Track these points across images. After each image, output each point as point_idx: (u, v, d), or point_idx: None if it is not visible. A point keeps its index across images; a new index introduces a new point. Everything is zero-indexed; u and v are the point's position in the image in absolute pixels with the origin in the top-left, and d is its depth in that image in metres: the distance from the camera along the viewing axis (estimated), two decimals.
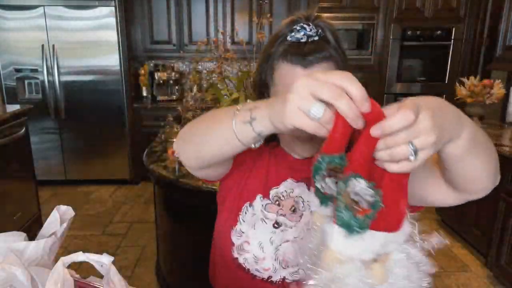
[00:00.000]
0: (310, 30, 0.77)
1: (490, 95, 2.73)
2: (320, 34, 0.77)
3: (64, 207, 0.66)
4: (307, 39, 0.76)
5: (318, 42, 0.76)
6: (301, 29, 0.77)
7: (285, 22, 0.80)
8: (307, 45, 0.75)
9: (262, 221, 0.88)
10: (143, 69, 3.95)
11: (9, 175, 2.66)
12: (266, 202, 0.89)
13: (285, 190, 0.89)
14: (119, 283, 0.57)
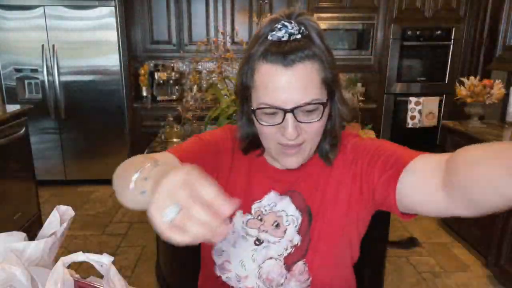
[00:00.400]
0: (292, 28, 0.71)
1: (490, 95, 2.73)
2: (303, 32, 0.72)
3: (64, 207, 0.66)
4: (289, 37, 0.71)
5: (300, 40, 0.71)
6: (283, 27, 0.71)
7: (266, 21, 0.75)
8: (289, 43, 0.70)
9: (243, 238, 0.84)
10: (143, 69, 3.94)
11: (9, 175, 2.66)
12: (248, 218, 0.84)
13: (268, 204, 0.84)
14: (119, 283, 0.57)
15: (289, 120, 0.71)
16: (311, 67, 0.71)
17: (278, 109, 0.71)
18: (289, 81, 0.69)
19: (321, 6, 3.79)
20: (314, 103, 0.71)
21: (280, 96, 0.70)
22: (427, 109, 3.83)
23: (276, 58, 0.70)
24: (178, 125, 2.56)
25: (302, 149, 0.76)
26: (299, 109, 0.71)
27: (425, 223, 3.25)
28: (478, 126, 2.85)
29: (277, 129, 0.73)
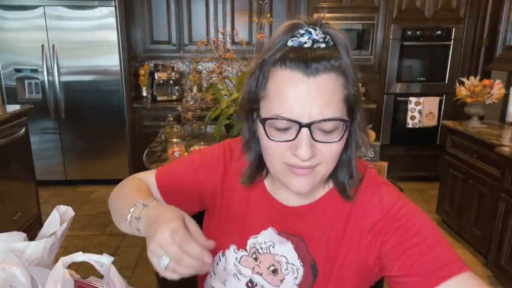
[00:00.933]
0: (316, 35, 0.61)
1: (490, 95, 2.74)
2: (329, 41, 0.63)
3: (64, 207, 0.66)
4: (312, 44, 0.61)
5: (325, 49, 0.61)
6: (306, 33, 0.61)
7: (286, 25, 0.64)
8: (312, 51, 0.60)
9: (234, 277, 0.76)
10: (143, 69, 3.95)
11: (9, 175, 2.66)
12: (242, 254, 0.76)
13: (265, 241, 0.75)
14: (119, 283, 0.57)
15: (304, 137, 0.60)
16: (335, 80, 0.61)
17: (293, 122, 0.60)
18: (309, 92, 0.59)
19: (321, 6, 3.79)
20: (335, 120, 0.60)
21: (297, 108, 0.59)
22: (427, 109, 3.83)
23: (296, 65, 0.59)
24: (178, 125, 2.56)
25: (315, 172, 0.64)
26: (317, 125, 0.60)
27: None
28: (478, 126, 2.85)
29: (288, 147, 0.62)
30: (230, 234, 0.78)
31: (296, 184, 0.65)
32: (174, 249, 0.55)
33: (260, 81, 0.64)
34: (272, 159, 0.66)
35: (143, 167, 2.02)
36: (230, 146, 0.83)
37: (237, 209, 0.78)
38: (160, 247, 0.55)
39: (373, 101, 4.04)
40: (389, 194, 0.70)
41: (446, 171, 3.09)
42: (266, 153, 0.67)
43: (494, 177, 2.46)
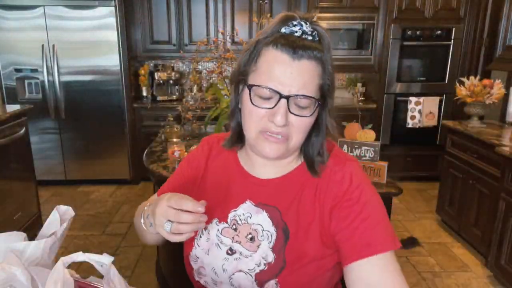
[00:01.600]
0: (306, 28, 0.74)
1: (490, 95, 2.74)
2: (315, 36, 0.75)
3: (64, 207, 0.66)
4: (302, 34, 0.74)
5: (311, 41, 0.74)
6: (298, 24, 0.74)
7: (282, 15, 0.77)
8: (301, 39, 0.73)
9: (216, 246, 0.84)
10: (143, 69, 3.95)
11: (9, 175, 2.66)
12: (223, 226, 0.84)
13: (243, 213, 0.83)
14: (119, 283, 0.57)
15: (282, 106, 0.72)
16: (314, 67, 0.73)
17: (275, 93, 0.72)
18: (292, 72, 0.71)
19: (321, 6, 3.79)
20: (309, 97, 0.73)
21: (280, 83, 0.72)
22: (427, 109, 3.83)
23: (286, 49, 0.72)
24: (178, 125, 2.56)
25: (284, 144, 0.76)
26: (294, 99, 0.72)
27: (425, 223, 3.25)
28: (478, 126, 2.85)
29: (266, 115, 0.74)
30: (212, 210, 0.85)
31: (268, 149, 0.76)
32: (171, 211, 0.68)
33: (252, 57, 0.76)
34: (251, 124, 0.77)
35: (143, 167, 2.02)
36: (208, 139, 0.97)
37: (218, 188, 0.88)
38: (161, 216, 0.69)
39: (373, 101, 4.04)
40: (351, 173, 0.79)
41: (446, 171, 3.09)
42: (247, 119, 0.77)
43: (494, 177, 2.46)
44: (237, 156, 0.90)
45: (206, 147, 0.94)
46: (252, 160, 0.86)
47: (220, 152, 0.92)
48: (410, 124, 3.88)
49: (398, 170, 3.99)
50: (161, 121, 3.38)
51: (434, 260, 2.71)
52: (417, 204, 3.63)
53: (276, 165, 0.84)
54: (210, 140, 0.96)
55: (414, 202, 3.66)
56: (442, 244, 2.93)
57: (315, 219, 0.79)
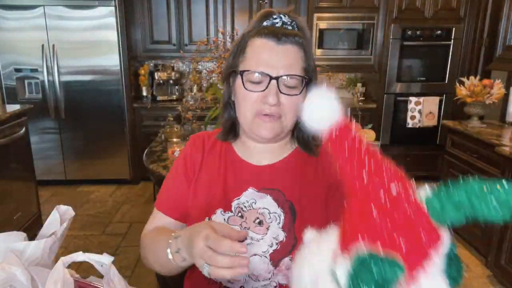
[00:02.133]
0: (285, 19, 0.82)
1: (490, 95, 2.74)
2: (294, 26, 0.83)
3: (64, 207, 0.66)
4: (282, 25, 0.82)
5: (292, 30, 0.82)
6: (277, 17, 0.82)
7: (262, 12, 0.85)
8: (282, 29, 0.81)
9: None
10: (143, 69, 3.94)
11: (9, 175, 2.66)
12: (229, 215, 0.86)
13: (247, 200, 0.86)
14: (119, 283, 0.57)
15: (273, 87, 0.78)
16: (297, 51, 0.80)
17: (265, 76, 0.78)
18: (278, 55, 0.78)
19: (321, 6, 3.79)
20: (297, 76, 0.79)
21: (268, 66, 0.78)
22: (427, 109, 3.83)
23: (270, 36, 0.79)
24: (178, 125, 2.56)
25: (279, 122, 0.81)
26: (283, 80, 0.78)
27: None
28: (478, 126, 2.85)
29: (259, 98, 0.80)
30: (214, 201, 0.87)
31: (263, 130, 0.81)
32: (207, 254, 0.60)
33: (240, 50, 0.83)
34: (246, 109, 0.82)
35: (143, 167, 2.02)
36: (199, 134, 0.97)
37: (217, 179, 0.89)
38: (198, 257, 0.62)
39: (373, 101, 4.04)
40: None
41: (446, 171, 3.08)
42: (241, 105, 0.83)
43: (494, 177, 2.45)
44: (232, 147, 0.93)
45: (198, 141, 0.95)
46: (250, 148, 0.90)
47: (213, 145, 0.94)
48: (410, 124, 3.88)
49: None
50: (161, 121, 3.37)
51: None
52: None
53: (272, 151, 0.89)
54: (200, 135, 0.97)
55: None
56: None
57: (320, 193, 0.85)
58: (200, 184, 0.90)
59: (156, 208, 0.93)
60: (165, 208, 0.92)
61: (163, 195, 0.94)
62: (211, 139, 0.94)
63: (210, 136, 0.95)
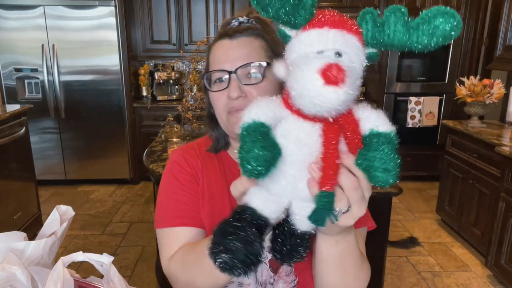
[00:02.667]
0: (243, 20, 0.83)
1: (490, 94, 2.74)
2: (252, 21, 0.83)
3: (64, 207, 0.66)
4: (239, 24, 0.82)
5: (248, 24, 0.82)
6: (236, 20, 0.83)
7: (222, 22, 0.85)
8: (237, 26, 0.81)
9: None
10: (143, 69, 3.95)
11: (9, 175, 2.66)
12: None
13: None
14: (119, 283, 0.57)
15: (232, 81, 0.77)
16: (254, 40, 0.79)
17: (223, 72, 0.78)
18: (232, 49, 0.78)
19: (321, 6, 3.77)
20: (254, 63, 0.77)
21: (225, 62, 0.78)
22: (427, 109, 3.83)
23: (223, 36, 0.80)
24: (178, 125, 2.56)
25: None
26: (242, 71, 0.76)
27: (425, 223, 3.25)
28: (478, 126, 2.85)
29: (226, 95, 0.78)
30: (224, 210, 0.82)
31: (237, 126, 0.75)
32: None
33: (207, 60, 0.84)
34: (219, 110, 0.81)
35: (143, 167, 2.02)
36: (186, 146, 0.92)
37: (219, 190, 0.85)
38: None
39: (373, 100, 4.04)
40: None
41: (446, 170, 3.09)
42: (215, 108, 0.82)
43: (494, 176, 2.46)
44: (227, 153, 0.90)
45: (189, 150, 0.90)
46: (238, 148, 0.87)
47: (208, 154, 0.89)
48: (410, 124, 3.88)
49: None
50: (161, 121, 3.38)
51: (434, 260, 2.71)
52: (417, 204, 3.63)
53: None
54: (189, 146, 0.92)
55: (414, 202, 3.66)
56: (442, 243, 2.93)
57: None
58: (206, 193, 0.85)
59: (173, 225, 0.82)
60: (185, 220, 0.82)
61: (175, 210, 0.84)
62: (201, 148, 0.90)
63: (200, 146, 0.91)
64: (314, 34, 0.46)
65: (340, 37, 0.46)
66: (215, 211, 0.84)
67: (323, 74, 0.42)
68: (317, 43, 0.46)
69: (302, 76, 0.44)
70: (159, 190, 0.88)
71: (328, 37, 0.46)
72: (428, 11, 0.43)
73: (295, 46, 0.48)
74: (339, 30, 0.46)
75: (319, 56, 0.45)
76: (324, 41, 0.46)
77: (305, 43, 0.47)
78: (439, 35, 0.43)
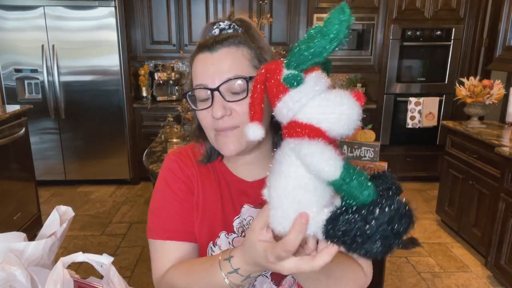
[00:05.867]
0: (224, 25, 0.77)
1: (490, 95, 2.74)
2: (234, 27, 0.77)
3: (64, 207, 0.66)
4: (220, 32, 0.76)
5: (229, 33, 0.75)
6: (216, 26, 0.77)
7: (203, 28, 0.80)
8: (217, 36, 0.74)
9: None
10: (143, 69, 3.95)
11: (9, 175, 2.66)
12: (233, 237, 0.81)
13: (245, 218, 0.82)
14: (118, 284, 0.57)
15: (216, 99, 0.72)
16: (236, 50, 0.73)
17: (205, 89, 0.72)
18: (213, 63, 0.72)
19: (321, 7, 3.79)
20: (237, 78, 0.71)
21: (206, 78, 0.72)
22: (427, 109, 3.83)
23: (204, 49, 0.74)
24: (178, 125, 2.56)
25: (237, 132, 0.73)
26: (225, 87, 0.71)
27: (425, 224, 3.25)
28: (478, 126, 2.85)
29: (210, 114, 0.73)
30: (215, 224, 0.81)
31: (225, 148, 0.75)
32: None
33: (190, 73, 0.78)
34: (206, 130, 0.77)
35: (143, 167, 2.02)
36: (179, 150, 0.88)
37: (213, 199, 0.82)
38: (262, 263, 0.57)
39: (373, 101, 4.04)
40: None
41: (446, 171, 3.09)
42: (202, 125, 0.78)
43: (494, 177, 2.46)
44: (223, 162, 0.86)
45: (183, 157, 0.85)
46: (236, 163, 0.84)
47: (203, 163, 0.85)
48: (410, 125, 3.88)
49: (398, 170, 3.99)
50: (161, 121, 3.37)
51: (434, 261, 2.71)
52: (417, 205, 3.63)
53: (259, 161, 0.82)
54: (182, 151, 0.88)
55: (414, 202, 3.66)
56: (442, 244, 2.93)
57: None
58: (200, 204, 0.83)
59: (164, 239, 0.80)
60: (172, 234, 0.80)
61: (167, 222, 0.82)
62: (196, 155, 0.85)
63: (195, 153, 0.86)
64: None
65: None
66: (205, 219, 0.82)
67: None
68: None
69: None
70: (152, 197, 0.85)
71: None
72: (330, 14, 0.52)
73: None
74: None
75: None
76: None
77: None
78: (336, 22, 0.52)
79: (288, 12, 3.88)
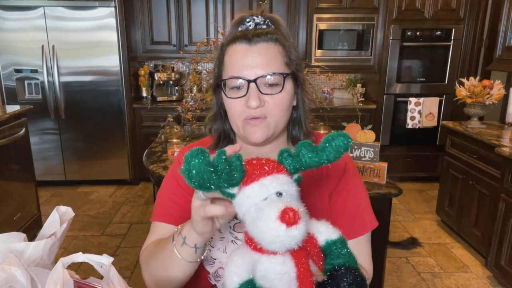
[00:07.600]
0: (258, 20, 0.81)
1: (490, 95, 2.74)
2: (269, 23, 0.82)
3: (64, 208, 0.66)
4: (255, 26, 0.81)
5: (265, 28, 0.80)
6: (250, 20, 0.81)
7: (236, 18, 0.84)
8: (254, 30, 0.80)
9: (232, 243, 0.84)
10: (143, 69, 3.95)
11: (9, 175, 2.66)
12: (234, 222, 0.84)
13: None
14: (118, 284, 0.57)
15: (252, 90, 0.77)
16: (273, 47, 0.78)
17: (243, 80, 0.77)
18: (252, 56, 0.77)
19: (321, 7, 3.79)
20: (275, 74, 0.77)
21: (245, 69, 0.77)
22: (427, 110, 3.83)
23: (242, 40, 0.78)
24: (178, 126, 2.56)
25: (266, 122, 0.79)
26: (261, 80, 0.76)
27: (425, 224, 3.25)
28: (478, 127, 2.85)
29: (243, 103, 0.78)
30: None
31: (253, 135, 0.80)
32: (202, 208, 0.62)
33: (220, 60, 0.82)
34: (234, 116, 0.81)
35: (143, 168, 2.02)
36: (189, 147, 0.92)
37: None
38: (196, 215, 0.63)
39: (373, 101, 4.04)
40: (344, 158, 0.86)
41: (446, 171, 3.09)
42: (230, 114, 0.82)
43: (494, 177, 2.46)
44: None
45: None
46: (250, 153, 0.85)
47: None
48: (410, 125, 3.88)
49: (398, 170, 3.99)
50: (161, 122, 3.37)
51: (434, 261, 2.71)
52: (417, 205, 3.63)
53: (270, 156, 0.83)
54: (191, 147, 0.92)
55: (414, 203, 3.66)
56: (442, 244, 2.93)
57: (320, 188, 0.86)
58: None
59: (156, 220, 0.88)
60: (167, 217, 0.86)
61: (163, 207, 0.88)
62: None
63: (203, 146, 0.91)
64: (256, 186, 0.55)
65: (275, 180, 0.56)
66: None
67: (283, 219, 0.51)
68: (261, 193, 0.55)
69: (266, 226, 0.52)
70: (161, 187, 0.91)
71: (268, 185, 0.55)
72: (329, 135, 0.58)
73: (243, 201, 0.56)
74: (272, 175, 0.56)
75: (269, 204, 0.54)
76: (266, 189, 0.55)
77: (251, 196, 0.55)
78: (341, 151, 0.57)
79: (288, 12, 3.88)
